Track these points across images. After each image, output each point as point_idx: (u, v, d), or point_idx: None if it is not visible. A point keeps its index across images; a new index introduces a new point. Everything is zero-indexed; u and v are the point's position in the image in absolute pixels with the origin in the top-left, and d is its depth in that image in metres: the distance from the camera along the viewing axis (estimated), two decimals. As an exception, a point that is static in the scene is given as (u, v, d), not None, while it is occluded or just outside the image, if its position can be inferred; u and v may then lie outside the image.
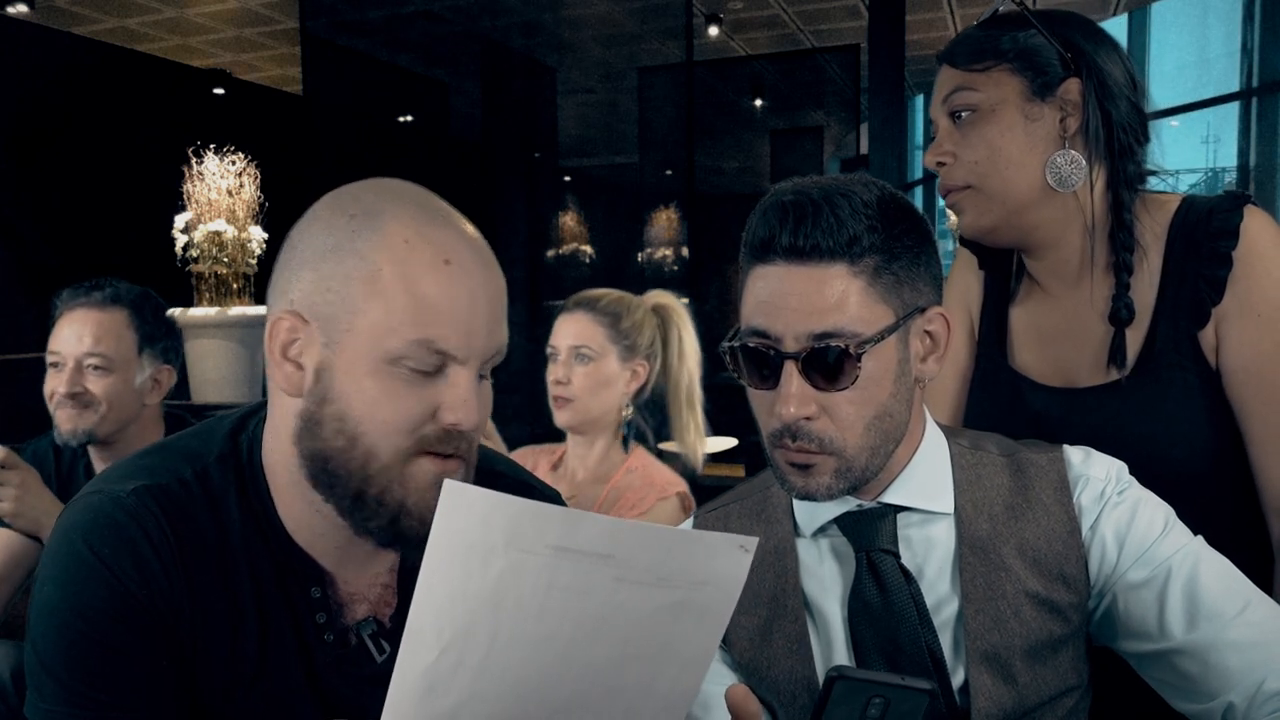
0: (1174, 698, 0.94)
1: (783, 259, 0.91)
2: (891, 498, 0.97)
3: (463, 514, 0.61)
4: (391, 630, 0.92)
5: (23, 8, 6.86)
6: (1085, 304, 1.20)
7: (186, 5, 7.14)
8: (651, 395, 1.86)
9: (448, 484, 0.60)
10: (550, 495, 1.07)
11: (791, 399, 0.90)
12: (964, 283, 1.37)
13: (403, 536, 0.83)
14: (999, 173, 1.14)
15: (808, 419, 0.91)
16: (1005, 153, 1.13)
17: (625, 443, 1.84)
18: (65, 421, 1.78)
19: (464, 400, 0.82)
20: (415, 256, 0.81)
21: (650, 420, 1.90)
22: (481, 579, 0.62)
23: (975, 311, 1.35)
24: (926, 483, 0.98)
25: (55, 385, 1.78)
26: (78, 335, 1.78)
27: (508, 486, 1.02)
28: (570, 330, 1.78)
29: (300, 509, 0.87)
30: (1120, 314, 1.14)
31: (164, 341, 1.87)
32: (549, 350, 1.82)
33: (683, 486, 1.81)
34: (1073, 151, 1.13)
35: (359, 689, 0.90)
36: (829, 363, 0.89)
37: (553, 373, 1.79)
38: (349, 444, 0.81)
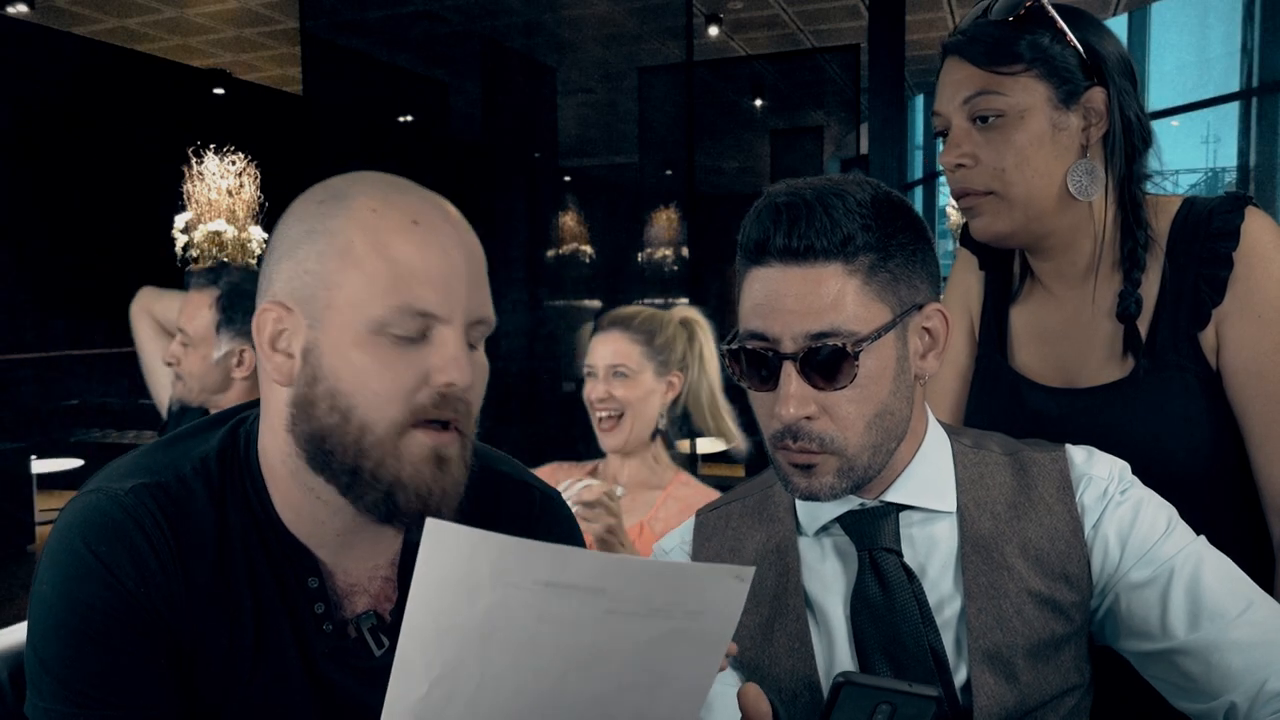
0: (1176, 697, 0.93)
1: (778, 260, 0.91)
2: (894, 496, 0.97)
3: (447, 552, 0.59)
4: (391, 625, 0.92)
5: (23, 8, 6.86)
6: (1088, 303, 1.20)
7: (186, 5, 7.14)
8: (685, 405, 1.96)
9: (430, 523, 0.59)
10: (552, 494, 1.07)
11: (791, 399, 0.90)
12: (964, 283, 1.36)
13: (398, 511, 0.83)
14: (1025, 180, 1.12)
15: (808, 419, 0.91)
16: (1033, 161, 1.11)
17: (669, 443, 1.93)
18: (173, 388, 2.07)
19: (453, 358, 0.81)
20: (383, 223, 0.82)
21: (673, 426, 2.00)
22: (469, 614, 0.61)
23: (975, 312, 1.35)
24: (929, 481, 0.98)
25: None
26: (178, 314, 2.05)
27: (510, 485, 1.02)
28: (607, 350, 1.86)
29: (299, 498, 0.87)
30: (1130, 309, 1.14)
31: (246, 323, 1.97)
32: (586, 370, 1.90)
33: None
34: (1093, 161, 1.13)
35: (357, 681, 0.90)
36: (827, 362, 0.89)
37: (593, 390, 1.86)
38: (343, 419, 0.81)
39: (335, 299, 0.81)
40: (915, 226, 0.94)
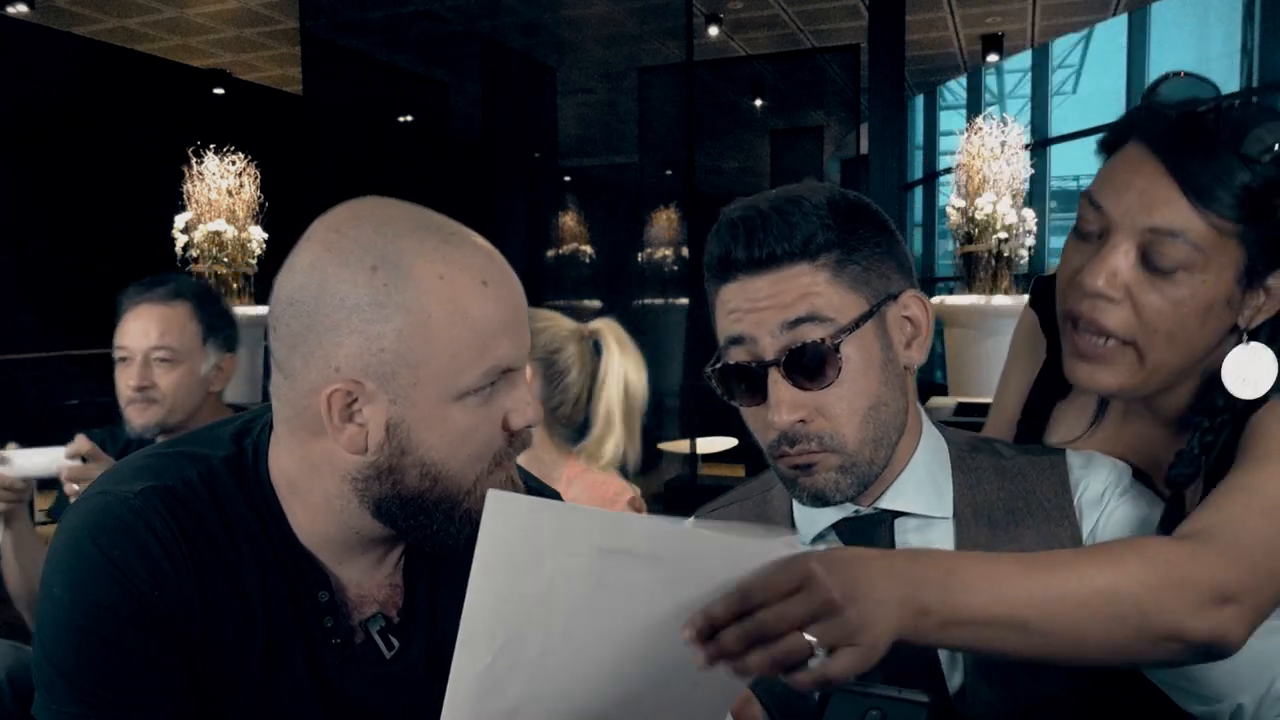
0: (1182, 699, 0.93)
1: (743, 273, 0.91)
2: (889, 502, 0.97)
3: (509, 521, 0.62)
4: (399, 625, 0.92)
5: (23, 8, 6.86)
6: (1143, 437, 1.07)
7: (186, 5, 7.14)
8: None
9: (492, 493, 0.61)
10: (553, 496, 1.07)
11: (782, 405, 0.90)
12: (1028, 360, 1.20)
13: (455, 538, 0.86)
14: (1173, 348, 0.93)
15: (802, 422, 0.91)
16: (1190, 330, 0.92)
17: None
18: (136, 416, 1.83)
19: (526, 401, 0.86)
20: (456, 290, 0.80)
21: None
22: (531, 582, 0.63)
23: (1024, 391, 1.21)
24: (925, 486, 0.98)
25: (125, 380, 1.83)
26: (144, 330, 1.84)
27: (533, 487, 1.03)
28: None
29: (324, 522, 0.87)
30: (1182, 476, 0.98)
31: (225, 331, 1.94)
32: None
33: (631, 492, 1.82)
34: (1258, 347, 0.93)
35: (370, 689, 0.90)
36: (810, 361, 0.89)
37: None
38: (433, 483, 0.83)
39: (422, 375, 0.80)
40: (877, 221, 0.94)
